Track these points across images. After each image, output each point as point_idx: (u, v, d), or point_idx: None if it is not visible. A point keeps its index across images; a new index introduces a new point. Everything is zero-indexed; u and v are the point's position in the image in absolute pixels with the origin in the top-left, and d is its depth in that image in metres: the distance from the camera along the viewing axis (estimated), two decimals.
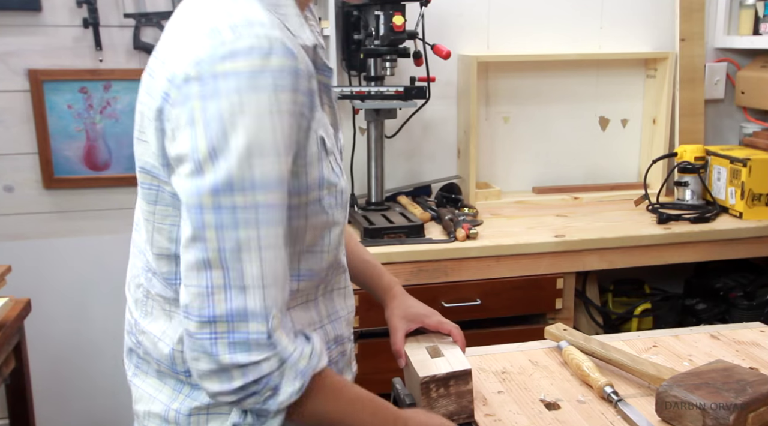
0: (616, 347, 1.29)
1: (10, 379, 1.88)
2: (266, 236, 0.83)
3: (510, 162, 2.63)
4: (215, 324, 0.82)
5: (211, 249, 0.82)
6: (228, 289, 0.82)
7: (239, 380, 0.83)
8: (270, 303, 0.83)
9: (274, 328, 0.84)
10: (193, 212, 0.82)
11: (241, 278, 0.82)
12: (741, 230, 2.25)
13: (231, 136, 0.80)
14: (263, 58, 0.81)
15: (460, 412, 1.08)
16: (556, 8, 2.55)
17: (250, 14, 0.83)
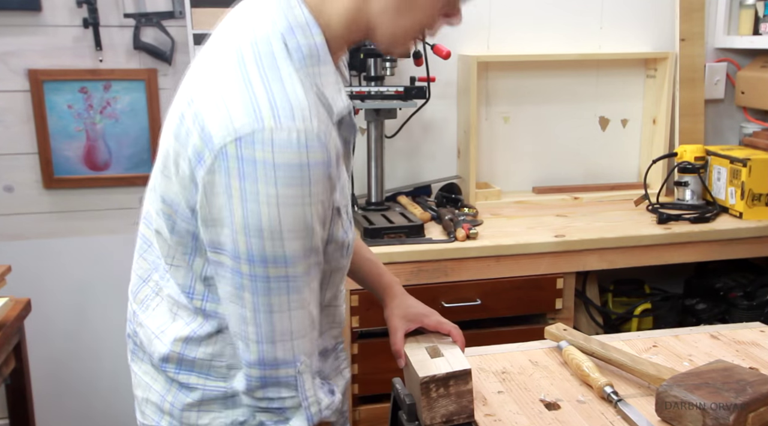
0: (616, 347, 1.29)
1: (10, 379, 1.88)
2: (295, 300, 0.92)
3: (510, 162, 2.63)
4: (252, 368, 0.94)
5: (248, 309, 0.91)
6: (260, 343, 0.92)
7: (265, 403, 0.96)
8: (298, 352, 0.94)
9: (302, 372, 0.95)
10: (230, 272, 0.91)
11: (272, 333, 0.92)
12: (741, 230, 2.25)
13: (265, 220, 0.87)
14: (300, 154, 0.86)
15: (460, 412, 1.08)
16: (556, 8, 2.55)
17: (291, 95, 0.88)
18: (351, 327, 2.03)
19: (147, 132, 2.30)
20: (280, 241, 0.88)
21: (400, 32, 0.99)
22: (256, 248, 0.88)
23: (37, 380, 2.15)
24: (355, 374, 2.06)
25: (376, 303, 2.12)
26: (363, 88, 2.17)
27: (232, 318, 0.94)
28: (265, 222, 0.86)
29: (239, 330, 0.93)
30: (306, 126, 0.86)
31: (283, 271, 0.89)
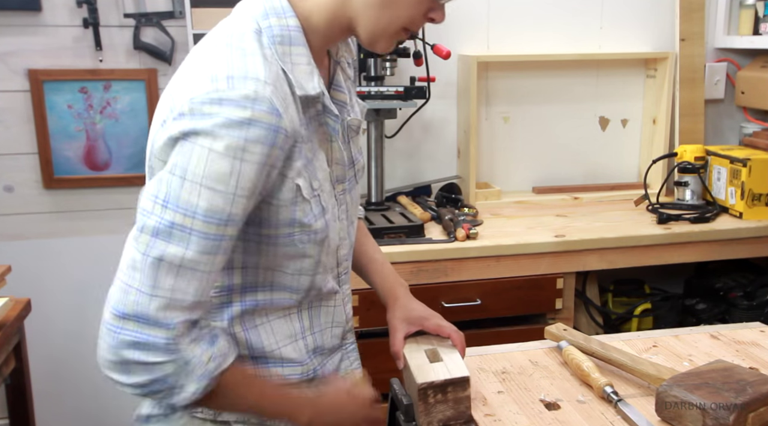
0: (616, 347, 1.29)
1: (10, 379, 1.88)
2: (191, 260, 0.89)
3: (510, 162, 2.63)
4: (125, 320, 0.89)
5: (140, 251, 0.89)
6: (141, 293, 0.88)
7: (140, 376, 0.90)
8: (175, 314, 0.89)
9: (177, 335, 0.89)
10: (140, 212, 0.91)
11: (153, 287, 0.88)
12: (741, 230, 2.25)
13: (193, 164, 0.88)
14: (246, 110, 0.88)
15: (458, 417, 1.08)
16: (556, 8, 2.55)
17: (250, 68, 0.91)
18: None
19: (147, 132, 2.29)
20: (198, 187, 0.88)
21: (381, 28, 1.00)
22: (176, 187, 0.88)
23: (37, 380, 2.15)
24: None
25: (376, 303, 2.12)
26: (363, 88, 2.17)
27: (122, 264, 0.91)
28: (192, 165, 0.88)
29: (123, 277, 0.90)
30: (257, 89, 0.89)
31: (190, 222, 0.88)
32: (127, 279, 0.89)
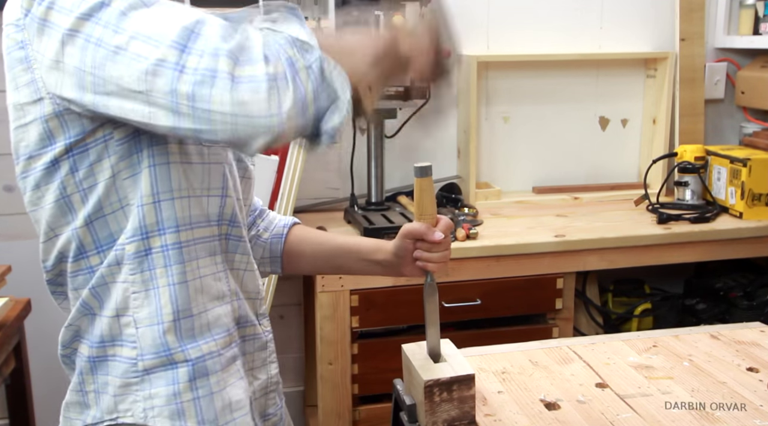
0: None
1: (10, 379, 1.88)
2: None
3: (510, 162, 2.63)
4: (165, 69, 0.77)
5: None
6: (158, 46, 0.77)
7: (258, 55, 0.76)
8: None
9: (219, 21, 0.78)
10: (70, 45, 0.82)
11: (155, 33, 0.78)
12: (741, 230, 2.25)
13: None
14: None
15: (462, 417, 1.08)
16: (556, 8, 2.55)
17: None
18: (351, 327, 2.03)
19: None
20: None
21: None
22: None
23: (37, 380, 2.15)
24: (355, 374, 2.06)
25: (376, 303, 2.13)
26: None
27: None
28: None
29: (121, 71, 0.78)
30: None
31: None
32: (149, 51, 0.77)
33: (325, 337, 2.02)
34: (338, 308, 2.01)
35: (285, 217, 1.31)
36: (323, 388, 2.05)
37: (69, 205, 0.93)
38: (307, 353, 2.51)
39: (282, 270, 1.27)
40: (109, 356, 0.97)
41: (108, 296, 0.96)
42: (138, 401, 0.95)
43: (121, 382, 0.96)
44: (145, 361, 0.95)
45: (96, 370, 0.98)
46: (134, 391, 0.96)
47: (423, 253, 1.12)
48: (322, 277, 1.98)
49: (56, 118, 0.88)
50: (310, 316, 2.31)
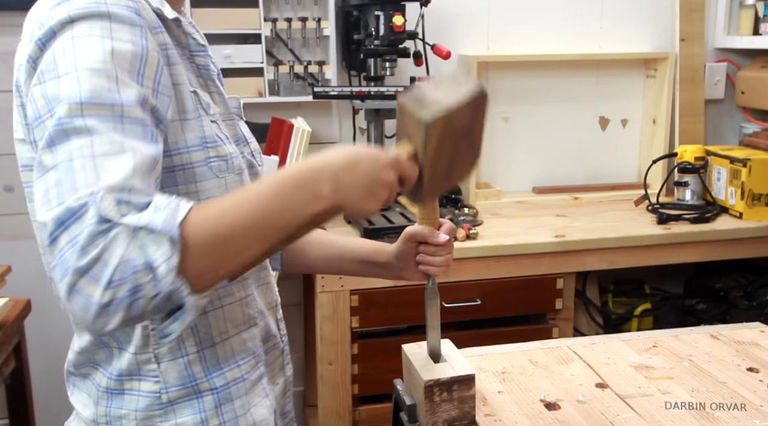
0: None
1: (10, 379, 1.89)
2: (98, 144, 0.76)
3: (510, 162, 2.63)
4: (53, 244, 0.74)
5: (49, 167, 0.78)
6: (55, 202, 0.75)
7: (100, 279, 0.72)
8: (93, 197, 0.73)
9: (106, 212, 0.73)
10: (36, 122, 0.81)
11: (63, 192, 0.75)
12: (741, 230, 2.25)
13: (60, 59, 0.80)
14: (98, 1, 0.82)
15: (462, 417, 1.08)
16: (556, 8, 2.55)
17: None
18: (351, 327, 2.03)
19: None
20: (75, 74, 0.79)
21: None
22: (50, 90, 0.79)
23: (37, 380, 2.15)
24: (355, 374, 2.06)
25: (376, 303, 2.13)
26: (363, 88, 2.17)
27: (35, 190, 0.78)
28: (60, 60, 0.80)
29: (40, 198, 0.76)
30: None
31: (77, 108, 0.77)
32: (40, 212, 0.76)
33: (325, 337, 2.02)
34: (338, 308, 2.01)
35: None
36: (323, 388, 2.05)
37: None
38: (307, 353, 2.51)
39: (282, 267, 1.27)
40: (126, 390, 0.95)
41: (126, 334, 0.94)
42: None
43: (143, 416, 0.95)
44: (170, 393, 0.94)
45: (113, 403, 0.96)
46: (159, 423, 0.95)
47: (426, 257, 1.12)
48: (322, 277, 1.98)
49: None
50: (310, 316, 2.31)
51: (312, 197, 0.82)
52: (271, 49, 2.34)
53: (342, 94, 2.15)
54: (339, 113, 2.46)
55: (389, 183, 0.87)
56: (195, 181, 0.91)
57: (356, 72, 2.35)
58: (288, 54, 2.36)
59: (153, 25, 0.88)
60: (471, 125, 0.94)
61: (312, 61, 2.35)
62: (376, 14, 2.15)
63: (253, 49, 2.27)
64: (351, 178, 0.84)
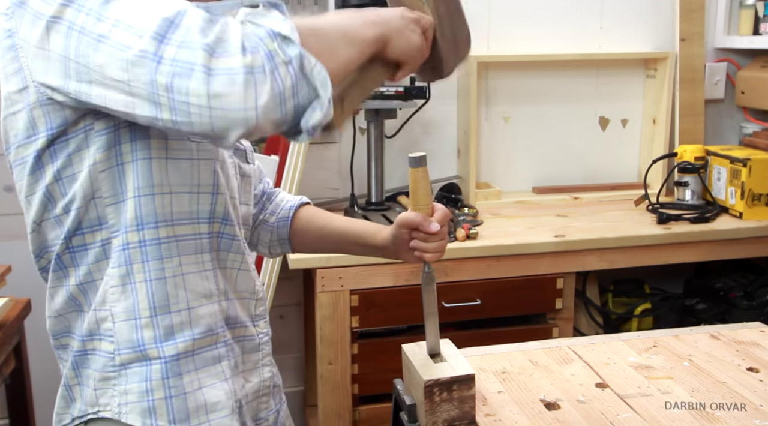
0: None
1: (10, 379, 1.89)
2: None
3: (510, 162, 2.63)
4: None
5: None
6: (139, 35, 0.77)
7: (236, 47, 0.74)
8: None
9: (201, 13, 0.77)
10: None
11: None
12: (741, 230, 2.25)
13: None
14: None
15: (462, 417, 1.08)
16: (556, 8, 2.55)
17: None
18: (351, 327, 2.03)
19: None
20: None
21: None
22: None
23: (37, 380, 2.15)
24: (355, 374, 2.06)
25: (376, 303, 2.13)
26: None
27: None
28: None
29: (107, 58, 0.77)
30: None
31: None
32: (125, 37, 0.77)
33: (325, 337, 2.02)
34: (338, 308, 2.01)
35: (292, 197, 1.31)
36: (323, 388, 2.05)
37: (49, 196, 0.93)
38: (307, 353, 2.51)
39: (292, 250, 1.29)
40: (88, 350, 0.97)
41: (93, 292, 0.96)
42: (115, 396, 0.96)
43: (100, 376, 0.96)
44: (122, 355, 0.95)
45: (80, 364, 0.99)
46: (112, 386, 0.96)
47: (419, 243, 1.13)
48: (322, 277, 1.98)
49: (40, 107, 0.88)
50: (310, 316, 2.31)
51: (366, 22, 0.90)
52: None
53: None
54: None
55: (415, 19, 0.95)
56: (166, 138, 0.93)
57: None
58: None
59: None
60: None
61: None
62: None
63: None
64: (387, 13, 0.93)
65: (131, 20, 0.77)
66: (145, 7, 0.77)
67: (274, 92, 0.76)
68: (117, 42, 0.77)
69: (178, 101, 0.75)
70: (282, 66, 0.76)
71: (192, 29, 0.74)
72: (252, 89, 0.74)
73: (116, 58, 0.77)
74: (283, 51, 0.76)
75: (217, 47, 0.74)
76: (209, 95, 0.74)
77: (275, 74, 0.75)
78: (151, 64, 0.75)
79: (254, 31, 0.76)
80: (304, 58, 0.78)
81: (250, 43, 0.75)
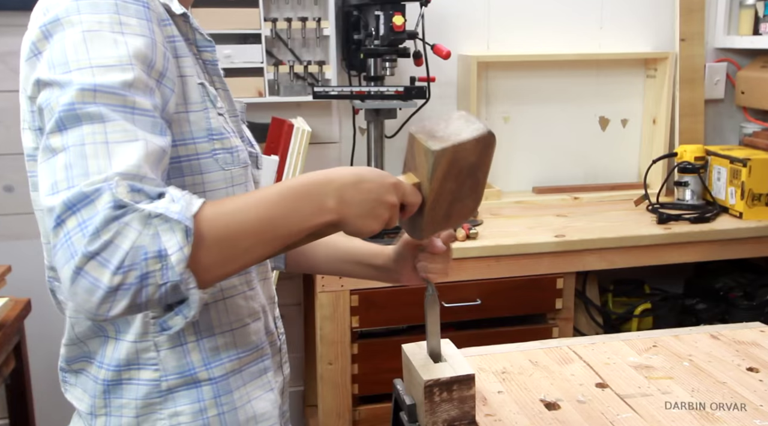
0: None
1: (10, 379, 1.88)
2: (111, 130, 0.77)
3: (510, 162, 2.63)
4: (61, 225, 0.73)
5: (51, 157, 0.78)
6: (66, 184, 0.75)
7: (110, 262, 0.71)
8: (110, 182, 0.74)
9: (121, 197, 0.73)
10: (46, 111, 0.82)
11: (82, 174, 0.74)
12: (741, 230, 2.25)
13: (71, 52, 0.80)
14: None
15: (462, 417, 1.08)
16: (556, 8, 2.55)
17: None
18: (351, 327, 2.03)
19: None
20: (89, 67, 0.79)
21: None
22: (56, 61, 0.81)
23: (37, 380, 2.15)
24: (355, 374, 2.06)
25: (376, 303, 2.13)
26: (363, 88, 2.17)
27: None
28: (70, 53, 0.80)
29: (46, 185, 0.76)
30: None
31: (91, 96, 0.78)
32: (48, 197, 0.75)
33: (325, 337, 2.02)
34: (338, 308, 2.01)
35: None
36: (323, 388, 2.05)
37: None
38: (307, 353, 2.51)
39: (285, 266, 1.27)
40: (124, 380, 0.95)
41: (125, 322, 0.93)
42: (162, 419, 0.94)
43: (143, 404, 0.94)
44: (169, 381, 0.94)
45: (112, 393, 0.96)
46: (158, 410, 0.94)
47: (424, 264, 1.12)
48: (322, 277, 1.98)
49: None
50: (310, 316, 2.31)
51: (317, 209, 0.84)
52: (271, 49, 2.34)
53: (342, 94, 2.15)
54: (339, 113, 2.46)
55: (391, 204, 0.89)
56: (201, 173, 0.92)
57: (356, 72, 2.35)
58: (288, 54, 2.36)
59: (162, 17, 0.89)
60: (477, 164, 0.98)
61: (312, 61, 2.35)
62: (376, 14, 2.15)
63: (253, 49, 2.27)
64: (356, 195, 0.86)
65: (72, 162, 0.75)
66: (82, 158, 0.76)
67: (133, 304, 0.74)
68: (49, 174, 0.76)
69: (55, 263, 0.75)
70: (152, 286, 0.74)
71: (95, 218, 0.72)
72: (107, 304, 0.73)
73: (43, 190, 0.77)
74: (162, 274, 0.74)
75: (100, 253, 0.71)
76: (69, 288, 0.73)
77: (141, 292, 0.74)
78: (51, 221, 0.74)
79: (147, 244, 0.73)
80: (182, 283, 0.75)
81: (129, 261, 0.72)
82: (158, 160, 0.79)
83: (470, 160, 0.97)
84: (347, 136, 2.43)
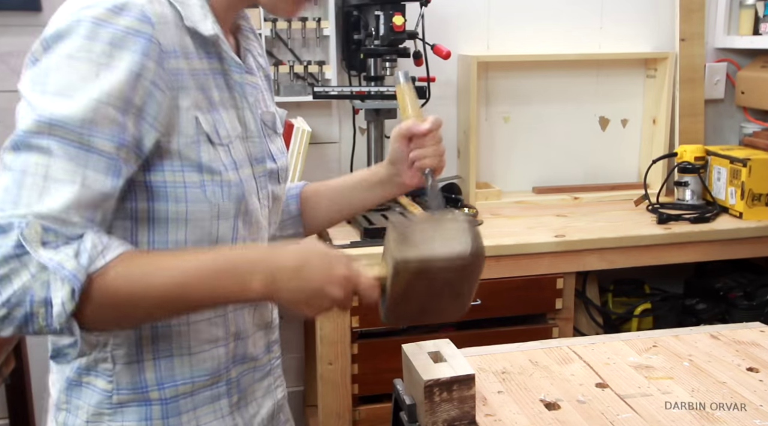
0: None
1: (10, 379, 1.89)
2: (54, 167, 0.79)
3: (510, 162, 2.63)
4: None
5: None
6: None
7: (3, 295, 0.76)
8: (25, 219, 0.77)
9: (26, 239, 0.76)
10: None
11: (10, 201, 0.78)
12: (741, 230, 2.25)
13: (52, 75, 0.82)
14: (111, 12, 0.82)
15: (462, 417, 1.08)
16: (556, 8, 2.55)
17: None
18: (351, 327, 2.03)
19: None
20: (55, 97, 0.80)
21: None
22: (32, 98, 0.82)
23: (37, 380, 2.15)
24: (355, 374, 2.06)
25: (376, 303, 2.12)
26: (363, 88, 2.17)
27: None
28: (52, 75, 0.81)
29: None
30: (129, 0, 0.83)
31: (46, 127, 0.79)
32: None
33: (325, 337, 2.02)
34: None
35: (295, 184, 1.28)
36: (323, 388, 2.05)
37: None
38: (307, 353, 2.51)
39: (304, 229, 1.25)
40: (83, 382, 0.96)
41: None
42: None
43: (94, 411, 0.95)
44: (120, 395, 0.94)
45: (72, 392, 0.97)
46: (107, 421, 0.95)
47: (417, 151, 1.13)
48: None
49: None
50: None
51: (238, 287, 0.84)
52: (271, 49, 2.34)
53: (342, 94, 2.15)
54: (339, 113, 2.46)
55: (333, 298, 0.88)
56: (186, 201, 0.90)
57: (356, 72, 2.35)
58: (288, 54, 2.36)
59: (168, 50, 0.86)
60: (457, 279, 0.93)
61: (312, 61, 2.35)
62: (376, 14, 2.15)
63: None
64: (290, 281, 0.85)
65: (10, 186, 0.79)
66: (18, 187, 0.78)
67: (21, 332, 0.79)
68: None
69: None
70: (38, 325, 0.78)
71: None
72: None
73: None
74: (46, 319, 0.77)
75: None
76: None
77: (27, 326, 0.78)
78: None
79: (36, 289, 0.76)
80: (65, 331, 0.78)
81: (16, 299, 0.76)
82: (94, 205, 0.81)
83: (445, 276, 0.91)
84: (347, 136, 2.44)
